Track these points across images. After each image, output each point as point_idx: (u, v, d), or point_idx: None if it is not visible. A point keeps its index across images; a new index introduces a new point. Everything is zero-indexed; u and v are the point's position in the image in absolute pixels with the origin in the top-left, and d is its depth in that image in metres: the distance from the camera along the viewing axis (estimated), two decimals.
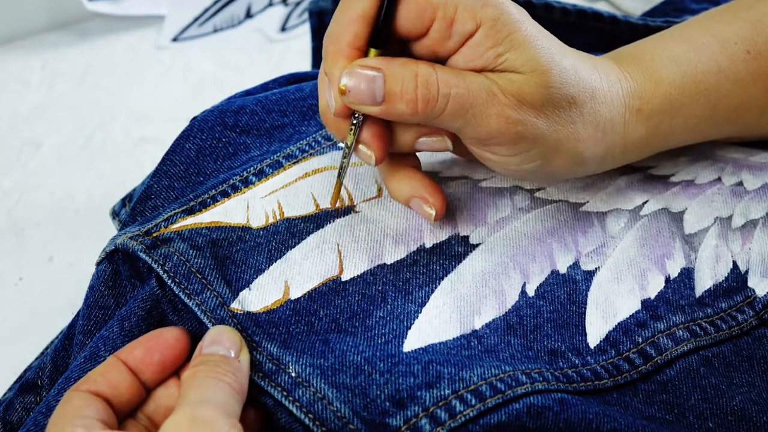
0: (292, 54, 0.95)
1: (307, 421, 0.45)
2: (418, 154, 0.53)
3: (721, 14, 0.57)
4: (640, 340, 0.50)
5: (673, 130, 0.54)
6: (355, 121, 0.48)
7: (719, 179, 0.58)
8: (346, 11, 0.47)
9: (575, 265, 0.53)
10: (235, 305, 0.49)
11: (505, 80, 0.47)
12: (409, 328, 0.49)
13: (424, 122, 0.48)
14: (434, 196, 0.51)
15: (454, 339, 0.49)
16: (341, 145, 0.56)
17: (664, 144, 0.55)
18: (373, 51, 0.47)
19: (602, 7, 0.90)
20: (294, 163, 0.55)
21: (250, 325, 0.48)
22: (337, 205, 0.53)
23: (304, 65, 0.88)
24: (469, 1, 0.46)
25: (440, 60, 0.48)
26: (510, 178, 0.56)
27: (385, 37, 0.47)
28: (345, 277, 0.51)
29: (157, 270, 0.49)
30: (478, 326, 0.49)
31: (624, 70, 0.53)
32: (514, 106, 0.47)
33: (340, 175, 0.51)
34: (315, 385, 0.45)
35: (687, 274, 0.53)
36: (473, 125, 0.47)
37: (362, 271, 0.51)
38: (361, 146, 0.49)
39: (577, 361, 0.49)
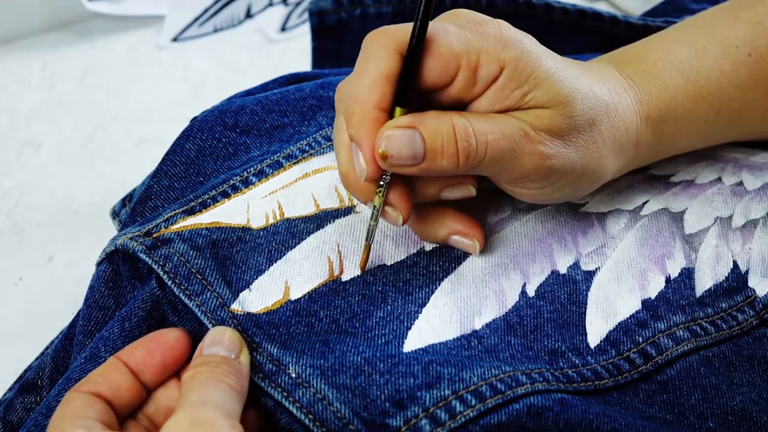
0: (292, 54, 0.95)
1: (307, 421, 0.45)
2: None
3: (722, 15, 0.57)
4: (641, 340, 0.50)
5: (677, 134, 0.54)
6: (382, 183, 0.48)
7: (719, 179, 0.58)
8: (368, 72, 0.46)
9: (575, 266, 0.53)
10: (235, 306, 0.49)
11: (532, 117, 0.47)
12: (410, 329, 0.49)
13: (463, 173, 0.48)
14: (474, 230, 0.51)
15: (454, 339, 0.49)
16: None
17: (669, 149, 0.56)
18: (398, 110, 0.47)
19: (602, 7, 0.90)
20: (294, 163, 0.55)
21: (250, 326, 0.48)
22: (336, 205, 0.53)
23: (304, 65, 0.88)
24: (490, 45, 0.46)
25: (463, 105, 0.48)
26: None
27: (412, 95, 0.47)
28: (345, 277, 0.51)
29: (158, 271, 0.49)
30: (478, 326, 0.49)
31: (627, 77, 0.53)
32: (545, 141, 0.47)
33: (368, 239, 0.50)
34: (315, 385, 0.45)
35: (687, 274, 0.53)
36: (510, 168, 0.47)
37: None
38: (386, 208, 0.49)
39: (577, 361, 0.49)
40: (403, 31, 0.46)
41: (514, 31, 0.48)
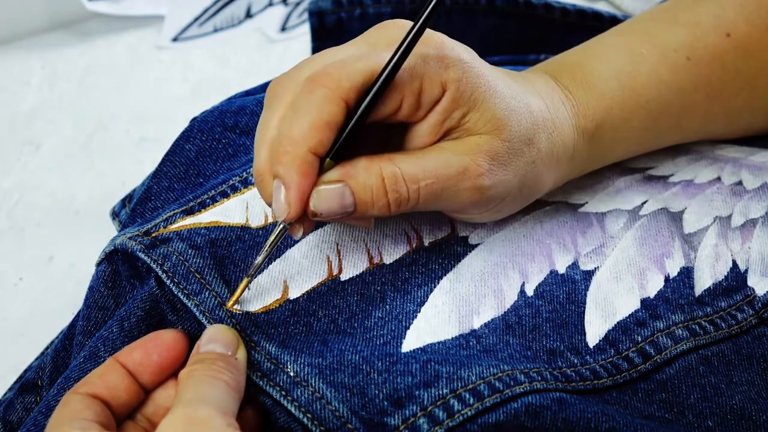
0: (292, 54, 0.95)
1: (305, 420, 0.45)
2: None
3: (660, 17, 0.57)
4: (640, 339, 0.50)
5: (614, 143, 0.54)
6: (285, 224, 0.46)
7: (719, 179, 0.58)
8: (310, 115, 0.44)
9: (574, 265, 0.53)
10: (234, 305, 0.49)
11: (472, 146, 0.46)
12: (408, 328, 0.49)
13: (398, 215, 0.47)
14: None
15: (452, 339, 0.49)
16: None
17: (605, 158, 0.55)
18: (328, 161, 0.45)
19: (602, 7, 0.90)
20: None
21: (248, 326, 0.48)
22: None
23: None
24: (432, 68, 0.45)
25: (406, 126, 0.47)
26: None
27: (350, 150, 0.46)
28: (344, 276, 0.51)
29: (156, 270, 0.49)
30: (476, 326, 0.49)
31: (564, 87, 0.53)
32: (486, 172, 0.46)
33: (250, 274, 0.48)
34: (313, 384, 0.45)
35: (686, 273, 0.53)
36: (448, 203, 0.47)
37: (361, 271, 0.51)
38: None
39: (575, 361, 0.49)
40: (350, 77, 0.44)
41: (456, 46, 0.47)
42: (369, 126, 0.46)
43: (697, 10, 0.56)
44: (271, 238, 0.47)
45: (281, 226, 0.47)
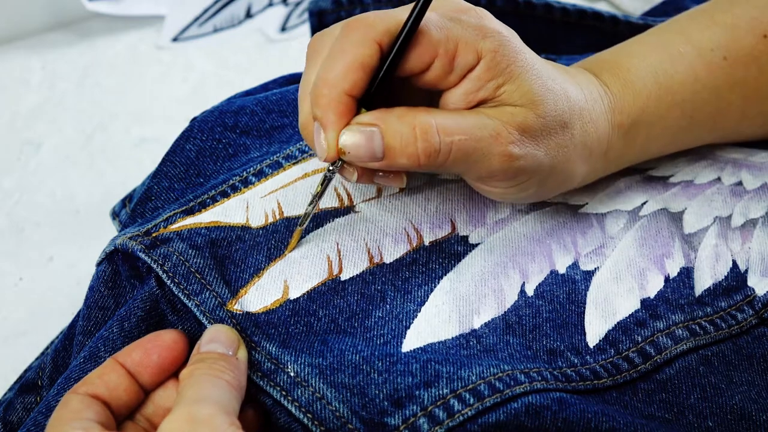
0: (292, 54, 0.95)
1: (305, 420, 0.45)
2: None
3: (698, 17, 0.57)
4: (640, 340, 0.50)
5: (649, 141, 0.55)
6: (332, 167, 0.48)
7: (719, 179, 0.58)
8: (344, 57, 0.45)
9: (574, 265, 0.53)
10: (234, 305, 0.49)
11: (507, 115, 0.47)
12: (408, 328, 0.49)
13: (429, 171, 0.47)
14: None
15: (453, 338, 0.49)
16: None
17: (641, 155, 0.56)
18: (363, 110, 0.46)
19: (602, 7, 0.90)
20: (294, 163, 0.55)
21: (249, 326, 0.48)
22: (335, 205, 0.53)
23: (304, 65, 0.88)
24: (469, 35, 0.46)
25: (439, 93, 0.48)
26: None
27: (385, 94, 0.46)
28: (344, 276, 0.51)
29: (157, 270, 0.49)
30: (477, 326, 0.49)
31: (603, 83, 0.53)
32: (517, 141, 0.47)
33: (302, 223, 0.50)
34: (314, 384, 0.45)
35: (686, 274, 0.53)
36: (477, 167, 0.47)
37: (361, 271, 0.51)
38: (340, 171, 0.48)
39: (576, 361, 0.49)
40: (384, 20, 0.46)
41: (496, 22, 0.47)
42: (405, 88, 0.47)
43: (734, 11, 0.56)
44: (318, 187, 0.49)
45: (326, 171, 0.48)
